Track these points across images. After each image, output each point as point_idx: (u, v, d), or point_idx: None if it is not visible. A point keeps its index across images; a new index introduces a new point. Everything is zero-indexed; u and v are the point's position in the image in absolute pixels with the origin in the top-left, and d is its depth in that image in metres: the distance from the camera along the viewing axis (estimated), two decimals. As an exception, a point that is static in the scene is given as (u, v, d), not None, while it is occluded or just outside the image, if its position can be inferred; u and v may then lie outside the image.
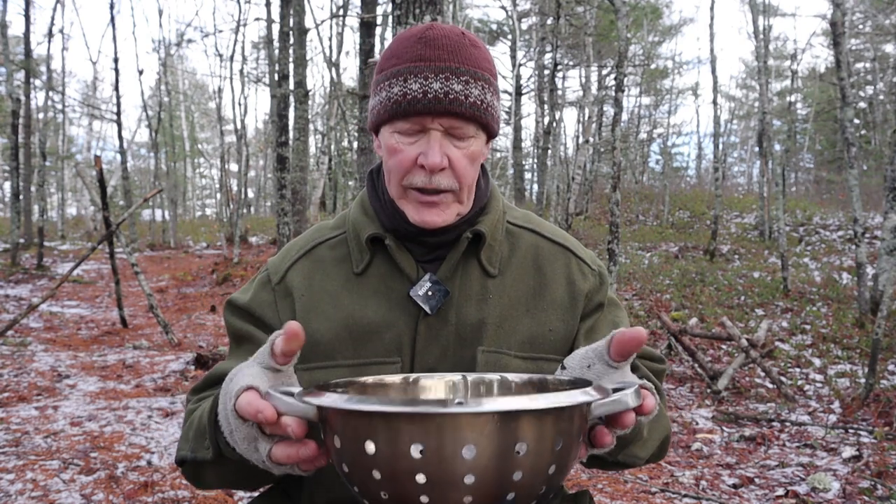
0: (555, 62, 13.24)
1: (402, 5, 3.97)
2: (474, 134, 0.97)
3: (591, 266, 1.09)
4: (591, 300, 1.06)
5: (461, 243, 1.01)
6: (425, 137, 0.95)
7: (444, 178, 0.95)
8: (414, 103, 0.92)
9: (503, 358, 1.00)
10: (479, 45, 0.98)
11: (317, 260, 1.06)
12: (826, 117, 25.18)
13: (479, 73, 0.96)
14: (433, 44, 0.95)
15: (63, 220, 24.22)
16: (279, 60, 10.82)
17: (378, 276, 1.02)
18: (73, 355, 5.50)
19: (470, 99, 0.94)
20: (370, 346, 1.00)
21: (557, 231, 1.12)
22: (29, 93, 14.91)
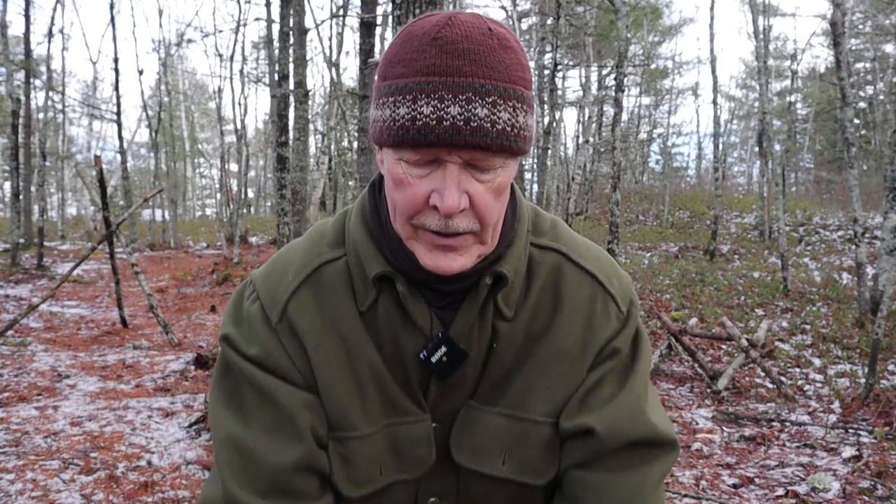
0: (555, 62, 13.24)
1: (402, 5, 3.97)
2: (502, 164, 0.78)
3: (620, 305, 0.91)
4: (608, 346, 0.90)
5: (480, 291, 0.85)
6: (439, 171, 0.76)
7: (462, 221, 0.77)
8: (425, 132, 0.73)
9: (483, 415, 0.88)
10: (510, 45, 0.77)
11: (322, 289, 0.87)
12: (826, 117, 25.18)
13: (510, 91, 0.75)
14: (451, 49, 0.74)
15: (63, 220, 24.23)
16: (279, 60, 10.82)
17: (386, 319, 0.86)
18: (73, 355, 5.50)
19: (498, 126, 0.74)
20: (397, 403, 0.87)
21: (589, 252, 0.93)
22: (29, 93, 14.91)
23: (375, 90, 0.82)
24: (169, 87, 22.79)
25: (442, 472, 0.90)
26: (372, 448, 0.86)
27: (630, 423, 0.87)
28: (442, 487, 0.91)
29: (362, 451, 0.86)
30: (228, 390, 0.89)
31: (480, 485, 0.90)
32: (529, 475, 0.88)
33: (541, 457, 0.88)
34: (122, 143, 17.62)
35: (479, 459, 0.88)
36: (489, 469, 0.88)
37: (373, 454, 0.86)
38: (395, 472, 0.88)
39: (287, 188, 11.69)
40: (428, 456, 0.88)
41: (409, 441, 0.88)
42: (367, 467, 0.87)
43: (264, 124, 30.35)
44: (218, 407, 0.89)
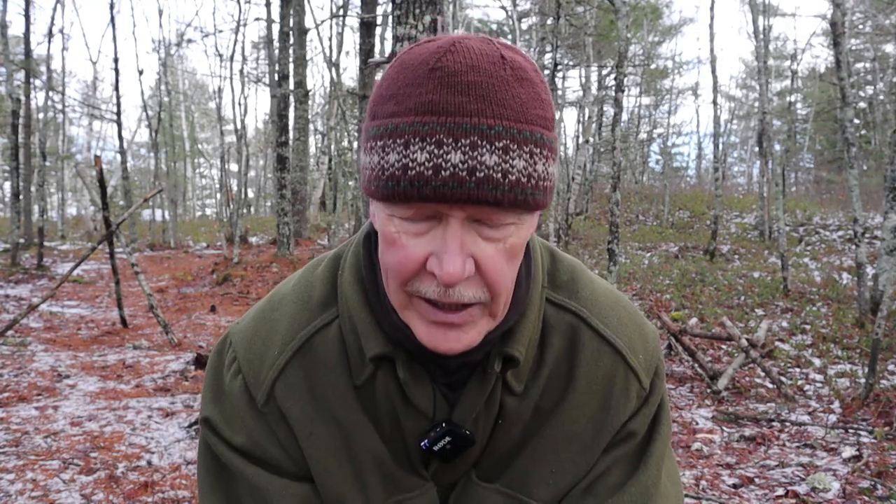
0: (555, 62, 13.24)
1: (402, 5, 3.97)
2: (516, 221, 0.64)
3: (643, 381, 0.79)
4: (625, 427, 0.79)
5: (488, 378, 0.74)
6: (439, 229, 0.63)
7: (468, 290, 0.65)
8: (420, 184, 0.60)
9: (479, 493, 0.79)
10: (528, 77, 0.64)
11: (313, 365, 0.76)
12: (826, 117, 25.19)
13: (526, 133, 0.62)
14: (453, 82, 0.61)
15: (63, 220, 24.23)
16: (279, 60, 10.82)
17: (385, 397, 0.76)
18: (73, 355, 5.50)
19: (511, 177, 0.60)
20: (399, 482, 0.79)
21: (611, 311, 0.80)
22: (29, 93, 14.92)
23: (364, 132, 0.69)
24: (169, 87, 22.80)
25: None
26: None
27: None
28: None
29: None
30: (216, 478, 0.80)
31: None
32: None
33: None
34: (122, 143, 17.62)
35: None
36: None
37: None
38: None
39: (287, 188, 11.66)
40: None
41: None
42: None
43: (264, 124, 30.36)
44: (205, 490, 0.81)
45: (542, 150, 0.63)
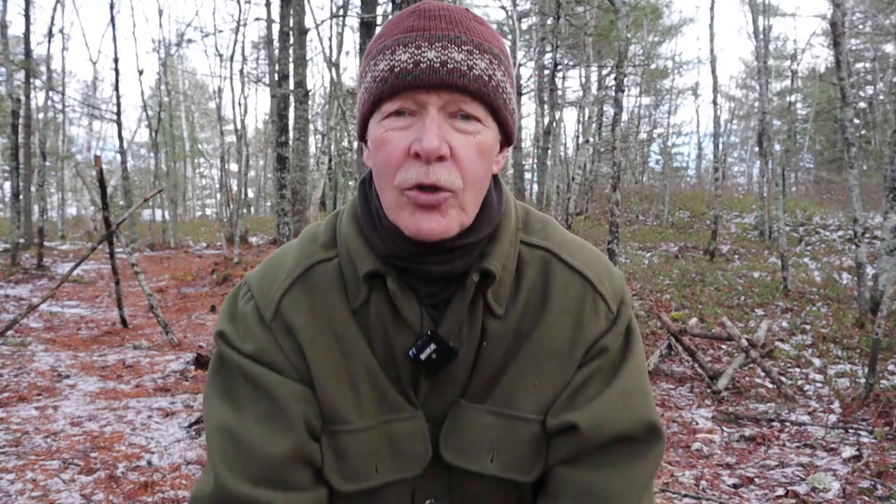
0: (555, 62, 13.24)
1: (402, 5, 3.97)
2: (482, 117, 0.78)
3: (610, 304, 0.89)
4: (596, 344, 0.88)
5: (468, 288, 0.84)
6: (420, 119, 0.77)
7: (443, 171, 0.76)
8: (403, 75, 0.75)
9: (471, 412, 0.86)
10: (486, 24, 0.82)
11: (315, 288, 0.87)
12: (826, 117, 25.19)
13: (485, 45, 0.78)
14: (428, 14, 0.79)
15: (63, 220, 24.23)
16: (279, 60, 10.83)
17: (378, 317, 0.86)
18: (73, 355, 5.50)
19: (475, 71, 0.76)
20: (390, 399, 0.87)
21: (579, 251, 0.92)
22: (29, 93, 14.92)
23: (360, 70, 0.85)
24: (169, 87, 22.79)
25: (437, 473, 0.89)
26: (366, 443, 0.85)
27: (614, 418, 0.85)
28: (438, 488, 0.89)
29: (355, 445, 0.85)
30: (222, 383, 0.88)
31: (472, 484, 0.88)
32: (516, 472, 0.87)
33: (528, 454, 0.87)
34: (122, 143, 17.62)
35: (467, 457, 0.87)
36: (477, 467, 0.86)
37: (367, 450, 0.85)
38: (392, 471, 0.87)
39: (287, 188, 11.68)
40: (424, 453, 0.87)
41: (405, 438, 0.87)
42: (360, 462, 0.85)
43: (264, 124, 30.35)
44: (212, 399, 0.87)
45: (500, 64, 0.79)
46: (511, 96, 0.82)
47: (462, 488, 0.89)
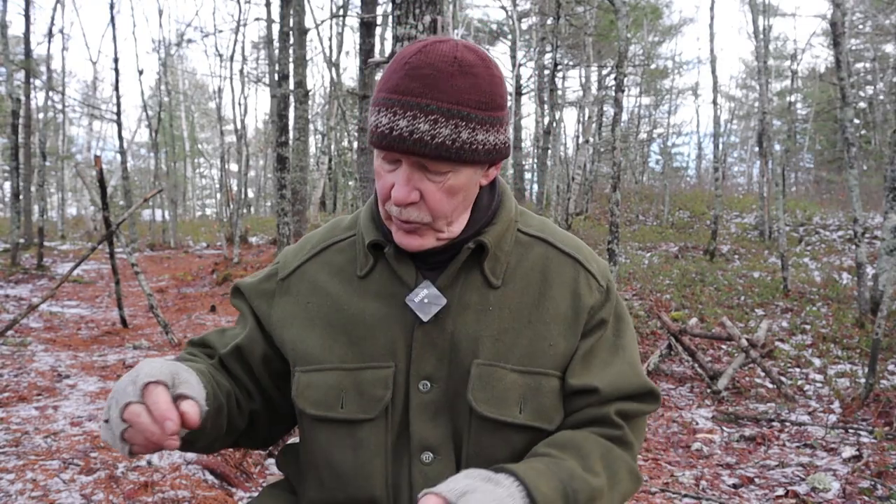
0: (555, 62, 13.24)
1: (402, 5, 3.97)
2: (450, 169, 0.93)
3: (600, 280, 1.05)
4: (594, 316, 1.03)
5: (462, 254, 0.99)
6: (399, 168, 0.93)
7: (413, 212, 0.94)
8: (381, 138, 0.91)
9: (498, 371, 0.98)
10: (471, 72, 0.92)
11: (325, 262, 1.08)
12: (826, 117, 25.19)
13: (454, 111, 0.89)
14: (414, 74, 0.90)
15: (63, 220, 24.23)
16: (279, 60, 10.82)
17: (380, 281, 1.02)
18: (73, 355, 5.50)
19: (437, 140, 0.89)
20: (365, 349, 1.00)
21: (571, 241, 1.09)
22: (29, 93, 14.92)
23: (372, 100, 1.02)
24: (169, 87, 22.79)
25: (435, 426, 0.99)
26: (331, 380, 1.00)
27: (626, 382, 1.02)
28: (436, 440, 0.99)
29: (323, 379, 1.00)
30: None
31: (492, 434, 0.98)
32: (543, 421, 0.99)
33: (551, 405, 1.00)
34: (122, 143, 17.62)
35: (500, 409, 0.97)
36: (509, 417, 0.98)
37: (333, 383, 1.00)
38: (355, 410, 0.99)
39: (287, 188, 11.67)
40: (383, 395, 0.98)
41: (369, 383, 0.99)
42: (325, 394, 1.00)
43: (264, 124, 30.35)
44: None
45: (469, 123, 0.91)
46: (485, 142, 0.93)
47: (480, 439, 0.98)
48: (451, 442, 0.99)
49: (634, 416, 1.03)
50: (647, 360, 5.67)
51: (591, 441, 0.98)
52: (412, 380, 0.99)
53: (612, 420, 1.00)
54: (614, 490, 0.97)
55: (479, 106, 0.91)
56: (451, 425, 0.99)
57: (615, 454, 0.98)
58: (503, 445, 0.99)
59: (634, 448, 1.02)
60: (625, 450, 1.00)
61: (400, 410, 0.99)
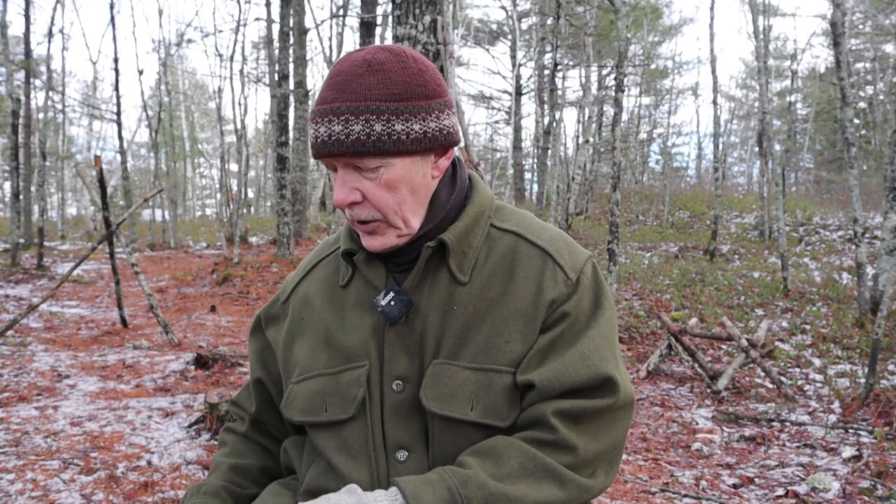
0: (555, 62, 13.24)
1: (402, 5, 3.97)
2: (380, 163, 0.95)
3: (568, 273, 1.01)
4: (556, 310, 0.99)
5: (423, 253, 1.01)
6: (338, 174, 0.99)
7: (361, 211, 0.98)
8: (313, 148, 0.97)
9: (450, 369, 0.98)
10: (381, 69, 0.95)
11: (315, 278, 1.15)
12: (826, 117, 25.18)
13: (362, 107, 0.93)
14: (329, 84, 0.96)
15: (63, 220, 24.22)
16: (279, 60, 10.82)
17: (357, 288, 1.07)
18: (73, 355, 5.50)
19: (351, 137, 0.93)
20: (344, 353, 1.05)
21: (545, 234, 1.06)
22: (29, 93, 14.91)
23: None
24: (169, 87, 22.79)
25: (408, 425, 1.01)
26: (317, 384, 1.05)
27: (570, 374, 0.96)
28: (408, 438, 1.01)
29: (309, 386, 1.06)
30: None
31: (450, 432, 0.98)
32: (495, 418, 0.98)
33: (504, 401, 0.98)
34: (122, 143, 17.61)
35: (449, 406, 0.97)
36: (459, 414, 0.97)
37: (317, 388, 1.05)
38: (337, 412, 1.03)
39: (287, 188, 11.66)
40: (356, 393, 1.02)
41: (347, 383, 1.03)
42: (311, 399, 1.05)
43: (264, 124, 30.34)
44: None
45: (381, 116, 0.93)
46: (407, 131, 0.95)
47: (441, 436, 0.99)
48: (424, 441, 1.01)
49: (581, 415, 0.95)
50: (648, 360, 5.67)
51: (514, 448, 0.94)
52: (385, 380, 1.01)
53: (546, 422, 0.94)
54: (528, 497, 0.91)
55: (389, 98, 0.94)
56: (422, 424, 1.01)
57: (538, 462, 0.93)
58: (464, 443, 0.98)
59: (579, 451, 0.94)
60: (561, 454, 0.94)
61: (378, 410, 1.02)
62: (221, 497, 1.11)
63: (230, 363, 5.03)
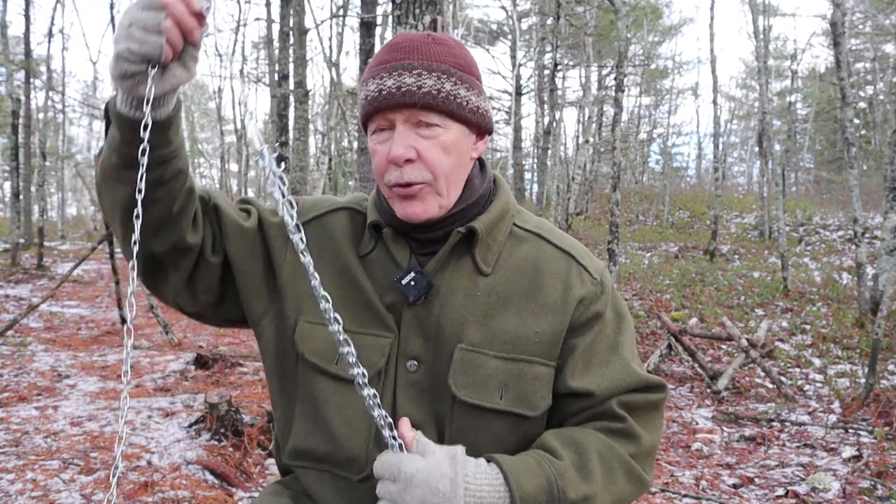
0: (555, 62, 13.24)
1: (402, 5, 3.97)
2: (440, 123, 0.98)
3: (593, 275, 1.06)
4: (588, 308, 1.03)
5: (452, 238, 1.01)
6: (392, 134, 0.98)
7: (413, 171, 0.97)
8: (373, 101, 0.97)
9: (480, 357, 1.00)
10: (444, 43, 1.01)
11: (343, 221, 1.10)
12: (826, 117, 25.17)
13: (434, 66, 0.97)
14: (394, 47, 0.99)
15: (63, 220, 24.22)
16: (279, 60, 10.82)
17: (378, 261, 1.05)
18: (73, 355, 5.50)
19: (423, 89, 0.95)
20: (364, 318, 1.03)
21: (566, 239, 1.11)
22: (29, 93, 14.90)
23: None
24: (169, 87, 22.71)
25: (418, 405, 1.01)
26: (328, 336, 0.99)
27: (626, 377, 1.02)
28: (418, 419, 1.01)
29: (324, 335, 1.00)
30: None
31: (473, 418, 1.00)
32: (524, 407, 1.00)
33: (533, 391, 1.01)
34: (122, 143, 17.58)
35: (479, 394, 0.99)
36: (489, 402, 0.99)
37: (330, 341, 0.99)
38: (348, 371, 0.98)
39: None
40: (377, 362, 1.01)
41: (368, 347, 1.01)
42: (326, 347, 1.02)
43: (264, 124, 30.33)
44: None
45: (450, 77, 0.98)
46: (468, 99, 1.00)
47: (463, 421, 1.00)
48: (434, 423, 1.01)
49: (640, 407, 1.02)
50: (648, 361, 5.67)
51: (592, 438, 0.98)
52: (400, 359, 1.02)
53: (614, 412, 1.00)
54: (606, 491, 0.96)
55: (456, 66, 0.99)
56: (433, 406, 1.01)
57: (614, 452, 0.98)
58: (484, 430, 1.00)
59: (642, 441, 1.00)
60: (629, 443, 0.99)
61: (392, 385, 1.02)
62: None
63: (230, 363, 5.04)
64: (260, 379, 4.66)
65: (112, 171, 0.93)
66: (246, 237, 1.07)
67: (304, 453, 1.05)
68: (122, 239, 1.00)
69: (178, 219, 0.98)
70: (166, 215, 0.97)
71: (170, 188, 0.96)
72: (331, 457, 1.03)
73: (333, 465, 1.03)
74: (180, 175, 0.98)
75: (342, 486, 1.03)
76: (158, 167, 0.93)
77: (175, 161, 0.96)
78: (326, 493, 1.04)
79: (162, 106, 0.91)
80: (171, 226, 0.98)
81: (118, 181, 0.93)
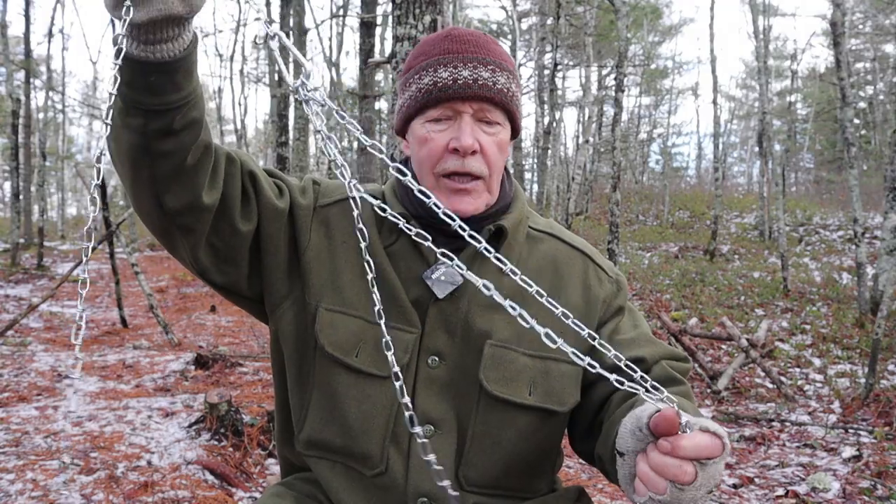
0: (555, 62, 13.24)
1: (402, 5, 3.97)
2: (502, 122, 1.01)
3: (609, 273, 1.11)
4: (611, 305, 1.09)
5: (483, 235, 1.00)
6: (456, 123, 0.99)
7: (475, 162, 0.99)
8: (445, 89, 0.97)
9: (510, 353, 1.02)
10: (498, 44, 1.05)
11: (366, 208, 1.02)
12: (826, 117, 25.18)
13: (503, 65, 1.01)
14: (459, 39, 1.01)
15: (63, 220, 24.23)
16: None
17: (402, 255, 1.04)
18: (73, 355, 5.50)
19: (497, 85, 0.99)
20: (392, 312, 1.01)
21: (578, 239, 1.14)
22: (29, 93, 14.90)
23: (400, 83, 1.06)
24: (169, 87, 22.74)
25: (439, 401, 1.01)
26: (355, 325, 1.01)
27: (660, 349, 1.07)
28: (437, 415, 1.01)
29: (346, 324, 1.01)
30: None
31: (500, 413, 1.01)
32: (553, 403, 1.03)
33: (562, 387, 1.04)
34: (122, 143, 17.58)
35: (509, 390, 1.01)
36: (518, 398, 1.01)
37: (355, 329, 1.01)
38: (369, 364, 1.01)
39: (287, 188, 11.57)
40: (401, 359, 1.00)
41: (392, 342, 0.96)
42: (344, 339, 1.01)
43: (264, 124, 30.32)
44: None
45: (514, 79, 1.03)
46: (520, 102, 1.04)
47: (489, 416, 1.01)
48: (455, 419, 1.01)
49: (682, 373, 1.08)
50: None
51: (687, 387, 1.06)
52: (422, 354, 1.02)
53: (676, 378, 1.04)
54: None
55: (513, 68, 1.04)
56: (455, 402, 1.01)
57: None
58: (510, 425, 1.02)
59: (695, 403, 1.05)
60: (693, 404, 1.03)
61: (412, 380, 1.01)
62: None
63: (230, 363, 5.04)
64: (260, 379, 4.66)
65: (116, 116, 0.88)
66: (280, 218, 1.03)
67: (318, 444, 1.04)
68: (129, 190, 0.94)
69: (192, 174, 0.90)
70: (178, 169, 0.89)
71: (180, 140, 0.87)
72: (345, 450, 1.02)
73: (347, 458, 1.03)
74: (194, 126, 0.88)
75: (355, 478, 1.03)
76: (164, 114, 0.85)
77: (185, 110, 0.87)
78: (339, 485, 1.04)
79: (163, 42, 0.83)
80: (185, 180, 0.90)
81: (122, 128, 0.87)
